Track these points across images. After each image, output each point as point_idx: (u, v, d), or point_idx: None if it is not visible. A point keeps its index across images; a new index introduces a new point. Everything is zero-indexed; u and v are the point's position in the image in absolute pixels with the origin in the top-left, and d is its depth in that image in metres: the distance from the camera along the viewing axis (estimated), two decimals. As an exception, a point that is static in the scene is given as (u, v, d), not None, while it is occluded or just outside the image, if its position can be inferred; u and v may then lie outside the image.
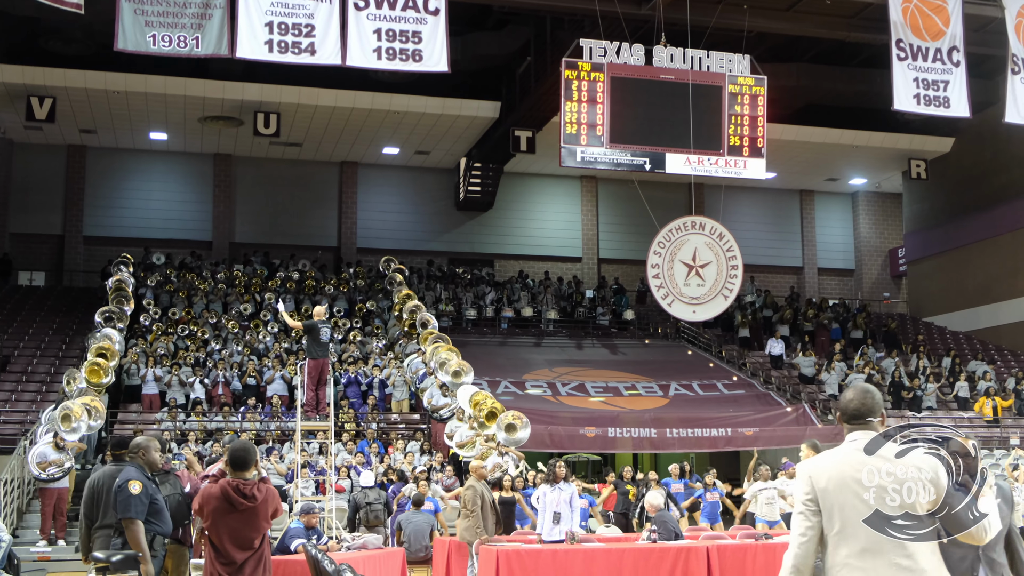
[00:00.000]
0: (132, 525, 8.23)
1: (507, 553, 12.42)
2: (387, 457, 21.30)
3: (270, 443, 22.18)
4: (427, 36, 19.94)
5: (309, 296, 30.41)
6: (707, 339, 33.21)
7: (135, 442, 8.99)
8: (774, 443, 25.52)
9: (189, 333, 27.32)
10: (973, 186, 34.59)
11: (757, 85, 22.87)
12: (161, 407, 23.91)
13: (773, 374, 30.24)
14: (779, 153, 32.00)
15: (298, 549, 11.20)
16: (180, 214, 35.83)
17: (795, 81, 31.49)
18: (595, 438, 24.33)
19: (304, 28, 19.36)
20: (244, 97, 30.13)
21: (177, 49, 19.06)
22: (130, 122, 32.34)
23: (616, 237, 38.88)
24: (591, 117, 21.81)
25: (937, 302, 37.32)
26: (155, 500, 8.54)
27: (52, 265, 34.66)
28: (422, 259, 36.11)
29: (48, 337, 27.87)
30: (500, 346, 31.17)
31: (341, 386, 24.21)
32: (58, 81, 28.82)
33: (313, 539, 11.65)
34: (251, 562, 7.59)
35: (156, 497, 8.57)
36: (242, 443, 7.98)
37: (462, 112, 31.94)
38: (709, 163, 22.66)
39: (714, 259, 22.15)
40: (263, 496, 7.64)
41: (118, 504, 8.32)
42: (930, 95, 22.92)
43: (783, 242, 40.94)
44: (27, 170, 34.40)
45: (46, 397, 23.35)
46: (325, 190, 36.98)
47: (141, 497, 8.31)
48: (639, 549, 13.15)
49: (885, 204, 41.65)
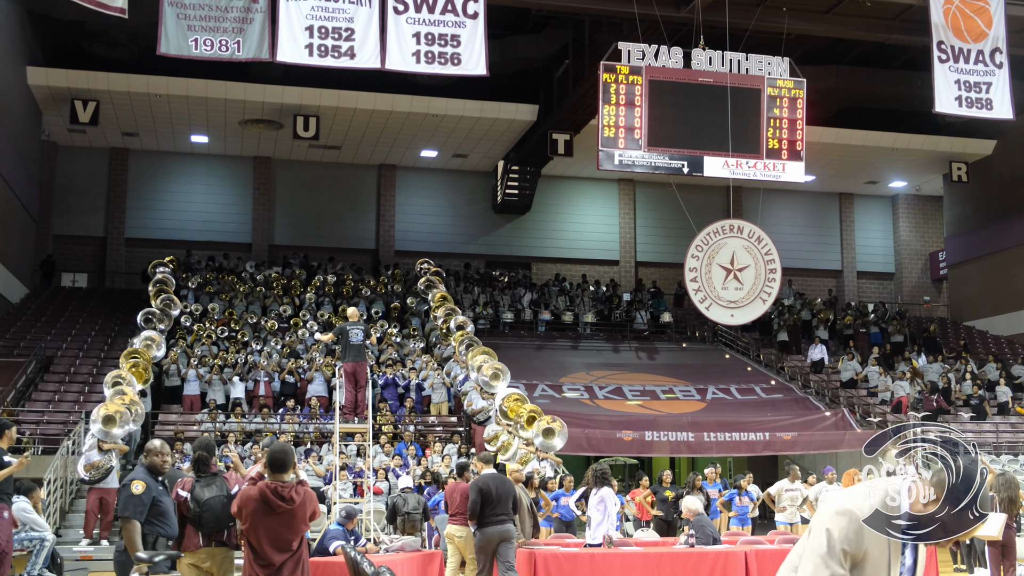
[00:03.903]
0: (127, 524, 8.47)
1: (544, 556, 12.45)
2: (424, 460, 21.35)
3: (308, 445, 22.29)
4: (466, 39, 20.02)
5: (347, 298, 30.57)
6: (745, 343, 33.08)
7: (148, 444, 9.11)
8: (812, 448, 25.40)
9: (229, 334, 27.52)
10: (1015, 189, 34.24)
11: (796, 88, 22.78)
12: (201, 408, 24.11)
13: (812, 378, 30.08)
14: (818, 156, 31.84)
15: (337, 551, 11.25)
16: (220, 216, 36.16)
17: (834, 83, 31.34)
18: (632, 442, 24.28)
19: (344, 32, 19.49)
20: (284, 100, 30.37)
21: (219, 53, 19.27)
22: (171, 125, 32.69)
23: (653, 240, 38.81)
24: (629, 120, 21.79)
25: (978, 306, 36.98)
26: (159, 502, 8.66)
27: (95, 267, 35.08)
28: (459, 262, 36.22)
29: (91, 338, 28.17)
30: (537, 349, 31.19)
31: (379, 388, 24.31)
32: (101, 85, 29.24)
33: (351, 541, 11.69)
34: (289, 564, 7.60)
35: (161, 499, 8.69)
36: (281, 446, 7.98)
37: (500, 115, 32.02)
38: (747, 166, 22.59)
39: (752, 262, 22.05)
40: (301, 498, 7.65)
41: (119, 503, 8.60)
42: (972, 97, 22.76)
43: (822, 245, 40.70)
44: (70, 173, 34.90)
45: (89, 398, 23.58)
46: (363, 193, 37.18)
47: (142, 498, 8.48)
48: (676, 553, 13.14)
49: (926, 207, 41.33)
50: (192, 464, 9.12)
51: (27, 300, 30.94)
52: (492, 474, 12.84)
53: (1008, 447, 26.58)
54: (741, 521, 19.57)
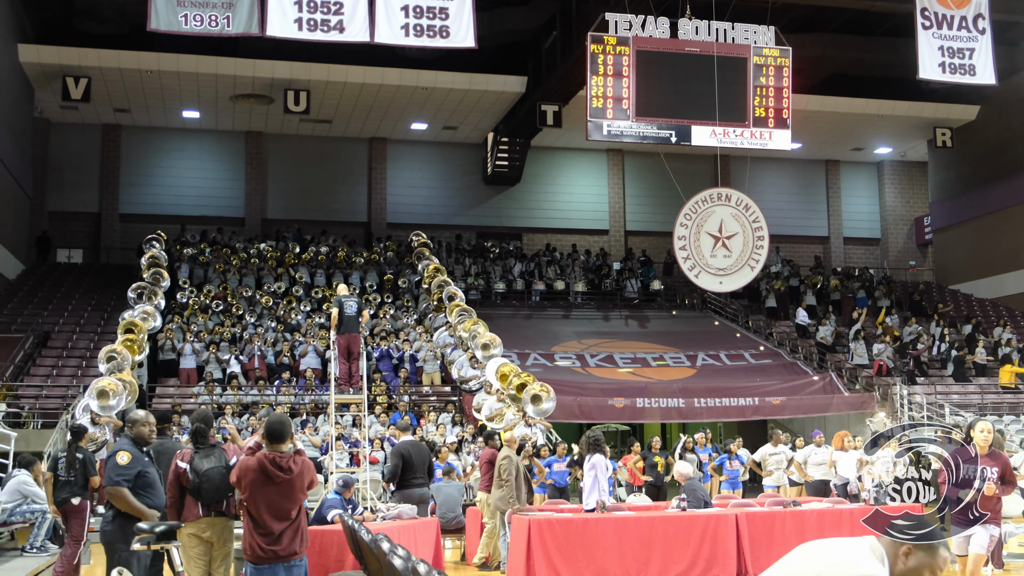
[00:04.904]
0: (117, 491, 8.59)
1: (539, 522, 12.56)
2: (419, 429, 21.65)
3: (304, 416, 22.59)
4: (454, 12, 20.13)
5: (341, 269, 30.83)
6: (734, 310, 33.40)
7: (130, 415, 9.23)
8: (801, 412, 25.79)
9: (224, 308, 27.77)
10: (999, 153, 34.49)
11: (782, 56, 22.88)
12: (198, 381, 24.40)
13: (800, 343, 30.41)
14: (804, 123, 32.02)
15: (335, 520, 11.44)
16: (213, 191, 36.34)
17: (820, 51, 31.50)
18: (624, 409, 24.63)
19: (333, 6, 19.58)
20: (274, 75, 30.50)
21: (209, 28, 19.37)
22: (163, 101, 32.80)
23: (643, 209, 39.05)
24: (617, 90, 21.93)
25: (963, 270, 37.32)
26: (145, 473, 8.76)
27: (89, 242, 35.28)
28: (451, 233, 36.45)
29: (87, 313, 28.43)
30: (528, 319, 31.48)
31: (374, 360, 24.58)
32: (92, 61, 29.32)
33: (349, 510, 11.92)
34: (288, 532, 7.76)
35: (147, 470, 8.80)
36: (278, 416, 8.09)
37: (489, 87, 32.17)
38: (735, 135, 22.73)
39: (740, 230, 22.25)
40: (299, 468, 7.80)
41: (105, 474, 8.70)
42: (955, 63, 22.87)
43: (809, 212, 40.99)
44: (63, 149, 35.05)
45: (86, 372, 23.84)
46: (355, 166, 37.35)
47: (126, 468, 8.60)
48: (669, 517, 13.31)
49: (911, 173, 41.59)
50: (190, 436, 9.22)
51: (23, 276, 31.16)
52: (411, 440, 13.79)
53: (993, 408, 26.96)
54: (732, 485, 19.93)
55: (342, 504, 12.02)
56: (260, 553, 7.70)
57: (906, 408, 25.57)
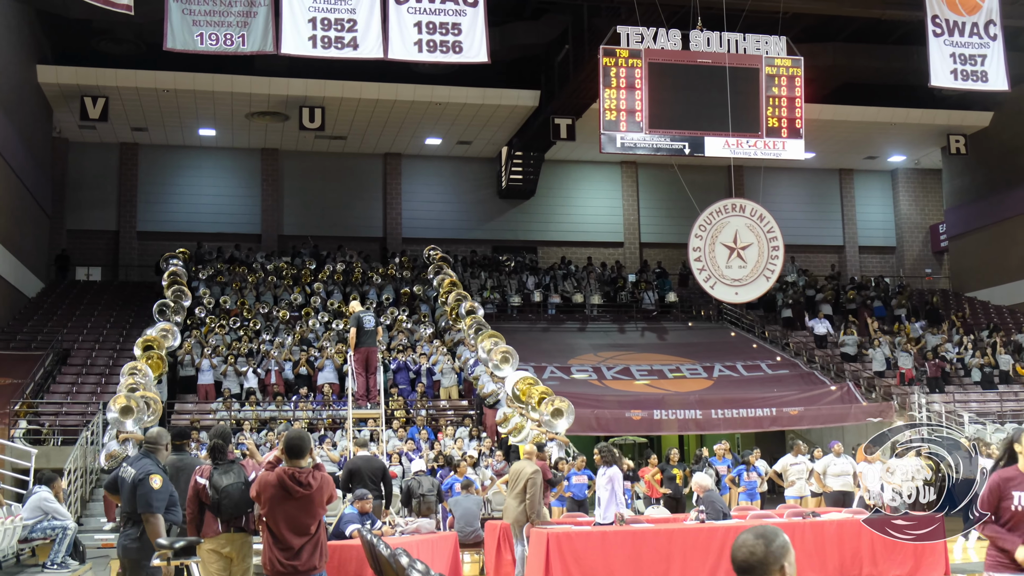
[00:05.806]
0: (153, 519, 8.40)
1: (557, 535, 12.58)
2: (437, 443, 21.67)
3: (322, 431, 22.63)
4: (467, 27, 20.24)
5: (357, 286, 30.93)
6: (750, 320, 33.36)
7: (148, 434, 9.23)
8: (819, 422, 25.73)
9: (241, 324, 27.89)
10: (1013, 159, 34.37)
11: (794, 66, 22.90)
12: (216, 397, 24.50)
13: (817, 353, 30.35)
14: (817, 133, 32.03)
15: (353, 534, 11.49)
16: (230, 208, 36.54)
17: (831, 60, 31.48)
18: (641, 421, 24.62)
19: (346, 23, 19.73)
20: (289, 92, 30.69)
21: (224, 47, 19.54)
22: (179, 119, 33.04)
23: (657, 221, 39.06)
24: (630, 103, 21.97)
25: (979, 277, 37.17)
26: (171, 493, 8.74)
27: (108, 260, 35.53)
28: (466, 247, 36.53)
29: (106, 330, 28.60)
30: (545, 332, 31.50)
31: (391, 373, 24.62)
32: (110, 81, 29.61)
33: (367, 524, 11.96)
34: (308, 547, 7.83)
35: (172, 491, 8.77)
36: (297, 432, 8.16)
37: (502, 102, 32.29)
38: (748, 145, 22.74)
39: (755, 240, 22.20)
40: (318, 483, 7.86)
41: (138, 498, 8.49)
42: (968, 70, 22.85)
43: (823, 221, 40.93)
44: (81, 168, 35.36)
45: (106, 389, 23.96)
46: (370, 181, 37.50)
47: (161, 492, 8.48)
48: (687, 530, 13.33)
49: (925, 180, 41.50)
50: (209, 452, 9.22)
51: (43, 294, 31.38)
52: (363, 455, 14.54)
53: (1012, 415, 26.88)
54: (750, 496, 19.87)
55: (360, 519, 12.08)
56: (279, 568, 7.76)
57: (924, 417, 25.51)
